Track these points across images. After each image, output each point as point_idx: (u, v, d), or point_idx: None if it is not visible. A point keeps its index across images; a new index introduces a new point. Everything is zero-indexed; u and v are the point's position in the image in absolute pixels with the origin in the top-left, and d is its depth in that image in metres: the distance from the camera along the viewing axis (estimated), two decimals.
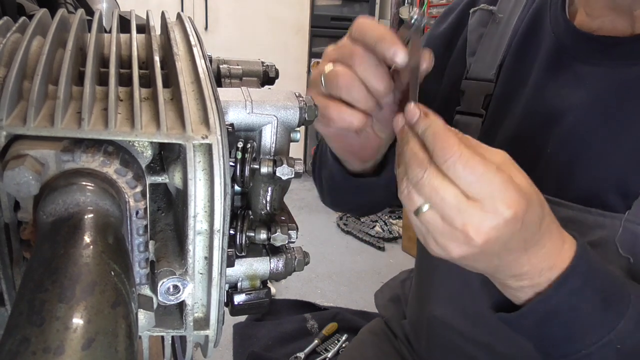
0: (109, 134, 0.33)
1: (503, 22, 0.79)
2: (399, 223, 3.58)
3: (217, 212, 0.36)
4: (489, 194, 0.45)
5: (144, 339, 0.42)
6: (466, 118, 0.80)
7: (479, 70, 0.80)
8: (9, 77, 0.33)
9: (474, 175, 0.45)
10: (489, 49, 0.80)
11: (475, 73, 0.80)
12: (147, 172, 0.37)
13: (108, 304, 0.27)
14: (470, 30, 0.82)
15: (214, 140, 0.34)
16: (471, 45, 0.82)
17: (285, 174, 0.42)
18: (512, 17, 0.79)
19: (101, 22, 0.48)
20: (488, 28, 0.81)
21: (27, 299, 0.25)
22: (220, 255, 0.38)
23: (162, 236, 0.41)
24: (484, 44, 0.80)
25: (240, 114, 0.43)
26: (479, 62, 0.80)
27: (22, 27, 0.42)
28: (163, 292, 0.37)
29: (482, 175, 0.45)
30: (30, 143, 0.32)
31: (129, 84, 0.38)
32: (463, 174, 0.45)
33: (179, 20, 0.50)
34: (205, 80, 0.38)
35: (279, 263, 0.45)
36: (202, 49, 0.43)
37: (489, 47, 0.80)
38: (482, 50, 0.80)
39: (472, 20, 0.83)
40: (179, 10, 1.35)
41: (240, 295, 0.44)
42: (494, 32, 0.80)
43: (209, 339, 0.41)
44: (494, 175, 0.46)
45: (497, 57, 0.78)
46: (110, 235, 0.30)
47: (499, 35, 0.79)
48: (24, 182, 0.30)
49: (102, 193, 0.32)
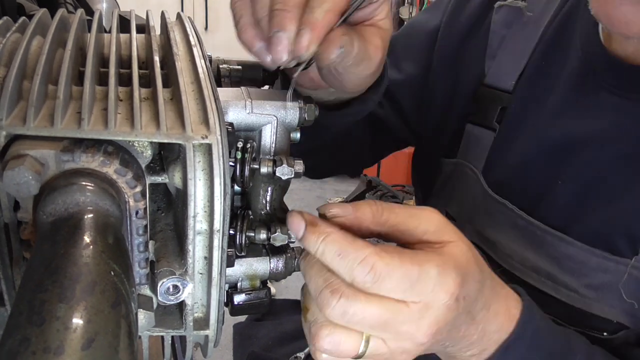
0: (108, 134, 0.33)
1: (531, 23, 0.70)
2: None
3: (217, 212, 0.36)
4: (428, 291, 0.40)
5: (144, 339, 0.42)
6: (478, 130, 0.73)
7: (497, 78, 0.72)
8: (8, 77, 0.33)
9: (408, 281, 0.39)
10: (511, 54, 0.71)
11: (493, 80, 0.72)
12: (147, 172, 0.37)
13: (108, 304, 0.27)
14: (493, 29, 0.73)
15: (214, 140, 0.34)
16: (492, 47, 0.73)
17: (285, 174, 0.42)
18: (543, 17, 0.70)
19: (101, 22, 0.48)
20: (514, 27, 0.72)
21: (27, 299, 0.25)
22: (220, 255, 0.38)
23: (162, 236, 0.41)
24: (507, 47, 0.72)
25: (240, 114, 0.43)
26: (498, 68, 0.72)
27: (22, 27, 0.42)
28: (163, 292, 0.37)
29: (418, 279, 0.39)
30: (30, 143, 0.32)
31: (128, 84, 0.38)
32: (394, 285, 0.39)
33: (179, 20, 0.50)
34: (205, 80, 0.38)
35: (279, 263, 0.45)
36: (202, 49, 0.43)
37: (512, 51, 0.71)
38: (504, 54, 0.72)
39: (497, 17, 0.73)
40: (179, 10, 1.35)
41: (240, 295, 0.44)
42: (519, 33, 0.71)
43: (209, 339, 0.41)
44: (430, 270, 0.40)
45: (520, 64, 0.70)
46: (110, 235, 0.30)
47: (525, 38, 0.70)
48: (24, 182, 0.30)
49: (102, 193, 0.32)
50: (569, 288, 0.62)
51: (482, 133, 0.73)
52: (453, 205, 0.77)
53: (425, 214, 0.45)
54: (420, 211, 0.45)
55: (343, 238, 0.40)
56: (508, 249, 0.67)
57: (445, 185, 0.79)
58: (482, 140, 0.72)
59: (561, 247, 0.62)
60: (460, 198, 0.75)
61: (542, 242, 0.64)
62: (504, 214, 0.68)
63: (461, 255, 0.43)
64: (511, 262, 0.67)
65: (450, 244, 0.43)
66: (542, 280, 0.64)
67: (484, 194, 0.70)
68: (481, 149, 0.73)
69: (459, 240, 0.44)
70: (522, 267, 0.66)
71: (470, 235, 0.70)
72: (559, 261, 0.62)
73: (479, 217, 0.71)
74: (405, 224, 0.44)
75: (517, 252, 0.66)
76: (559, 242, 0.62)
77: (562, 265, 0.62)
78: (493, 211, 0.69)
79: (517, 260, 0.66)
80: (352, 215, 0.43)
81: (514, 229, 0.66)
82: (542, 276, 0.64)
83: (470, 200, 0.73)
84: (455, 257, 0.42)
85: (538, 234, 0.64)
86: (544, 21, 0.69)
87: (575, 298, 0.62)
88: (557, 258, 0.63)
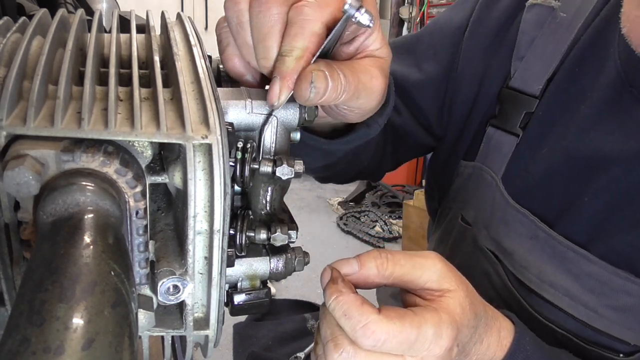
0: (109, 134, 0.33)
1: (564, 24, 0.66)
2: (399, 223, 3.58)
3: (217, 212, 0.36)
4: (424, 349, 0.44)
5: (144, 339, 0.42)
6: (500, 134, 0.70)
7: (523, 81, 0.68)
8: (9, 77, 0.33)
9: (407, 344, 0.43)
10: (541, 56, 0.67)
11: (519, 83, 0.68)
12: (147, 172, 0.37)
13: (108, 304, 0.27)
14: (523, 29, 0.69)
15: (214, 140, 0.34)
16: (520, 48, 0.69)
17: (285, 174, 0.42)
18: (577, 20, 0.65)
19: (101, 22, 0.48)
20: (545, 28, 0.67)
21: (27, 299, 0.25)
22: (220, 255, 0.38)
23: (162, 236, 0.41)
24: (537, 49, 0.68)
25: (240, 114, 0.43)
26: (525, 71, 0.68)
27: (22, 27, 0.42)
28: (163, 292, 0.37)
29: (416, 340, 0.43)
30: (30, 143, 0.32)
31: (129, 84, 0.38)
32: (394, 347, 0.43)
33: (179, 20, 0.50)
34: (205, 80, 0.38)
35: (279, 263, 0.45)
36: (202, 49, 0.43)
37: (541, 54, 0.67)
38: (533, 56, 0.68)
39: (528, 16, 0.69)
40: (179, 10, 1.35)
41: (240, 295, 0.44)
42: (551, 34, 0.67)
43: (209, 339, 0.41)
44: (427, 330, 0.44)
45: (549, 68, 0.66)
46: (110, 235, 0.30)
47: (557, 40, 0.66)
48: (24, 182, 0.30)
49: (102, 193, 0.32)
50: (587, 307, 0.61)
51: (503, 138, 0.70)
52: (469, 210, 0.75)
53: (429, 264, 0.48)
54: (423, 260, 0.48)
55: (351, 301, 0.44)
56: (524, 261, 0.66)
57: (462, 189, 0.77)
58: (504, 146, 0.70)
59: (583, 265, 0.60)
60: (477, 204, 0.73)
61: (563, 257, 0.62)
62: (523, 225, 0.66)
63: (458, 305, 0.47)
64: (527, 274, 0.65)
65: (450, 293, 0.47)
66: (559, 295, 0.63)
67: (503, 202, 0.68)
68: (502, 155, 0.70)
69: (458, 287, 0.48)
70: (538, 280, 0.64)
71: (485, 242, 0.70)
72: (580, 278, 0.61)
73: (496, 224, 0.69)
74: (410, 274, 0.47)
75: (534, 265, 0.65)
76: (582, 259, 0.60)
77: (582, 283, 0.61)
78: (511, 220, 0.67)
79: (534, 273, 0.65)
80: (358, 272, 0.47)
81: (533, 241, 0.65)
82: (559, 292, 0.63)
83: (487, 206, 0.71)
84: (452, 311, 0.46)
85: (559, 248, 0.62)
86: (578, 24, 0.65)
87: (594, 317, 0.60)
88: (578, 275, 0.61)
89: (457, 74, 0.76)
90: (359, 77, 0.44)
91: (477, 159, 0.74)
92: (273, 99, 0.41)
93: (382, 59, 0.47)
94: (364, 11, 0.39)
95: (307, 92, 0.41)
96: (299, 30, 0.40)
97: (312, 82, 0.40)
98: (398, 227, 3.54)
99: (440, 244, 0.83)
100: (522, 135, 0.68)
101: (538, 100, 0.66)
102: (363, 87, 0.45)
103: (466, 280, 0.50)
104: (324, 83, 0.41)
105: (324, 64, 0.42)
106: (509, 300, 0.68)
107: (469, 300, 0.48)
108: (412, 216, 3.21)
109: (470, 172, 0.75)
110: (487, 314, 0.51)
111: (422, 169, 4.30)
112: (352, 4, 0.39)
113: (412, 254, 0.49)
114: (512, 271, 0.67)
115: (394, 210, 3.85)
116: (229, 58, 0.47)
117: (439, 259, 0.48)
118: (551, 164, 0.65)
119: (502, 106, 0.70)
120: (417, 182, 4.36)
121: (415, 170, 4.41)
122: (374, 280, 0.48)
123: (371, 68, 0.46)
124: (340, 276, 0.46)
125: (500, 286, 0.69)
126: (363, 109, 0.49)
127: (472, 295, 0.49)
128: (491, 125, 0.72)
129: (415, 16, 4.50)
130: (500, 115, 0.71)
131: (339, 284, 0.45)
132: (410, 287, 0.49)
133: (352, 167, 0.79)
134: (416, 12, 4.50)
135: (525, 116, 0.67)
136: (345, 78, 0.43)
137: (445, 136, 0.81)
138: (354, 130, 0.59)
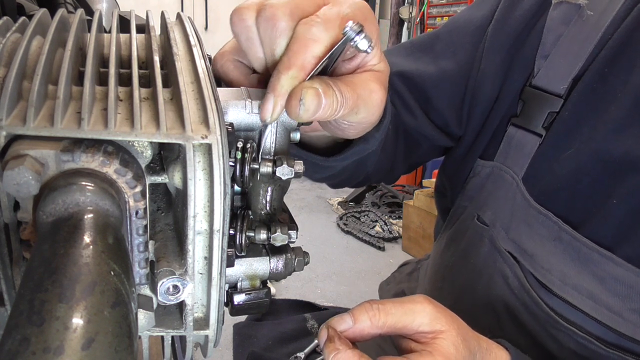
0: (108, 134, 0.33)
1: (591, 23, 0.64)
2: (399, 223, 3.58)
3: (216, 212, 0.36)
4: None
5: (144, 339, 0.42)
6: (521, 134, 0.69)
7: (547, 80, 0.67)
8: (8, 77, 0.33)
9: None
10: (565, 55, 0.66)
11: (543, 82, 0.67)
12: (147, 172, 0.37)
13: (108, 304, 0.27)
14: (549, 26, 0.67)
15: (214, 140, 0.34)
16: (545, 46, 0.68)
17: (285, 174, 0.42)
18: (605, 17, 0.64)
19: (101, 22, 0.48)
20: (572, 26, 0.66)
21: (27, 299, 0.25)
22: (220, 255, 0.38)
23: (162, 236, 0.41)
24: (562, 47, 0.66)
25: (240, 114, 0.43)
26: (549, 69, 0.67)
27: (22, 27, 0.42)
28: (163, 292, 0.37)
29: None
30: (30, 143, 0.32)
31: (128, 84, 0.38)
32: None
33: (179, 20, 0.50)
34: (205, 80, 0.38)
35: (279, 263, 0.45)
36: (202, 49, 0.43)
37: (567, 52, 0.65)
38: (557, 54, 0.66)
39: (554, 14, 0.68)
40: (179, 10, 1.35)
41: (240, 295, 0.44)
42: (577, 32, 0.65)
43: (209, 339, 0.41)
44: None
45: (575, 67, 0.64)
46: (110, 235, 0.30)
47: (583, 39, 0.64)
48: (24, 182, 0.30)
49: (102, 193, 0.32)
50: (612, 310, 0.60)
51: (526, 137, 0.68)
52: (487, 211, 0.73)
53: (418, 308, 0.50)
54: (413, 305, 0.50)
55: (349, 357, 0.46)
56: (546, 263, 0.65)
57: (480, 188, 0.75)
58: (525, 146, 0.68)
59: (608, 268, 0.59)
60: (496, 205, 0.72)
61: (587, 259, 0.61)
62: (545, 227, 0.65)
63: (451, 346, 0.49)
64: (549, 277, 0.64)
65: (442, 335, 0.49)
66: (582, 299, 0.62)
67: (525, 203, 0.67)
68: (523, 155, 0.69)
69: (450, 327, 0.49)
70: (561, 283, 0.63)
71: (504, 243, 0.70)
72: (605, 281, 0.60)
73: (517, 226, 0.68)
74: (402, 321, 0.50)
75: (557, 267, 0.64)
76: (607, 261, 0.59)
77: (607, 285, 0.60)
78: (533, 222, 0.66)
79: (557, 275, 0.64)
80: (353, 327, 0.50)
81: (556, 243, 0.64)
82: (583, 295, 0.62)
83: (508, 208, 0.70)
84: (446, 352, 0.48)
85: (584, 251, 0.61)
86: (605, 22, 0.64)
87: (618, 321, 0.60)
88: (603, 278, 0.60)
89: (478, 72, 0.75)
90: (358, 93, 0.44)
91: (497, 159, 0.73)
92: (266, 115, 0.42)
93: (381, 72, 0.47)
94: (363, 36, 0.40)
95: (296, 109, 0.41)
96: (301, 49, 0.41)
97: (301, 100, 0.41)
98: (398, 227, 3.55)
99: (451, 243, 0.82)
100: (545, 135, 0.66)
101: (563, 100, 0.65)
102: (362, 102, 0.45)
103: (456, 317, 0.52)
104: (315, 100, 0.41)
105: (319, 81, 0.42)
106: (526, 302, 0.67)
107: (461, 338, 0.50)
108: (412, 216, 3.21)
109: (488, 172, 0.74)
110: (481, 347, 0.53)
111: (422, 169, 4.30)
112: (352, 28, 0.40)
113: (402, 301, 0.51)
114: (533, 273, 0.66)
115: (394, 210, 3.85)
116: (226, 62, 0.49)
117: (428, 302, 0.50)
118: (578, 165, 0.63)
119: (525, 105, 0.69)
120: (417, 182, 4.36)
121: (416, 170, 4.41)
122: (369, 332, 0.50)
123: (370, 82, 0.46)
124: (336, 334, 0.49)
125: (518, 288, 0.68)
126: (363, 123, 0.49)
127: (464, 332, 0.51)
128: (512, 125, 0.70)
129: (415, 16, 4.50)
130: (522, 115, 0.69)
131: (335, 342, 0.48)
132: (405, 332, 0.51)
133: (357, 175, 0.79)
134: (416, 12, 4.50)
135: (549, 116, 0.66)
136: (342, 94, 0.43)
137: (463, 135, 0.80)
138: (352, 146, 0.59)
